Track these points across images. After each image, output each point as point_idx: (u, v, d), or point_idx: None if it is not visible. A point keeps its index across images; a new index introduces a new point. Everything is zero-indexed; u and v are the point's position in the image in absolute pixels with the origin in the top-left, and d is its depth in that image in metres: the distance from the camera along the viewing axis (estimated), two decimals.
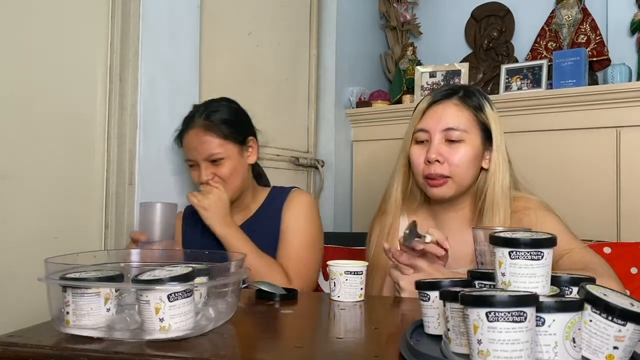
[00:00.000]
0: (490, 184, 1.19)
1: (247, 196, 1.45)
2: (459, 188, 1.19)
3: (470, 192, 1.23)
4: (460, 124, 1.18)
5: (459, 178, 1.18)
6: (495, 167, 1.19)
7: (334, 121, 2.34)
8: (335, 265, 1.05)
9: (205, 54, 1.69)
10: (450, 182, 1.18)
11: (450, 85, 1.66)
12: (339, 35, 2.35)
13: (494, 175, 1.19)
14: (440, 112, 1.20)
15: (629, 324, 0.59)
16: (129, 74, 1.43)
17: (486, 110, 1.22)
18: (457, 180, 1.18)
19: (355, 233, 2.25)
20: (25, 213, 1.24)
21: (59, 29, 1.32)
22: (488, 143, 1.21)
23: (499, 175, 1.19)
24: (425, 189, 1.22)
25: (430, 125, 1.20)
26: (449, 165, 1.17)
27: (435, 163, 1.17)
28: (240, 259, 0.92)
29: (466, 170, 1.18)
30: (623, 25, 2.20)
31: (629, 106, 1.90)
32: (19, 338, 0.77)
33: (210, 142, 1.35)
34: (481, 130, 1.20)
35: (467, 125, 1.19)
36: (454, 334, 0.66)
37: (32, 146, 1.26)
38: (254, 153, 1.44)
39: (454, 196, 1.20)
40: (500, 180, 1.18)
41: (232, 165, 1.36)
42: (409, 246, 1.05)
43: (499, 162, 1.19)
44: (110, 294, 0.80)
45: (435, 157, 1.17)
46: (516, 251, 0.64)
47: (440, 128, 1.18)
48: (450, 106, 1.20)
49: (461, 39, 2.58)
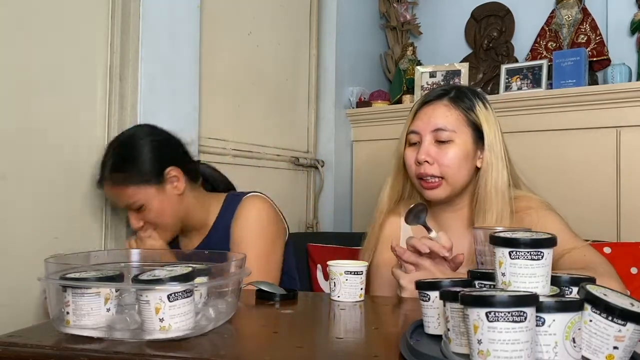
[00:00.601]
0: (482, 183, 1.19)
1: (195, 216, 1.35)
2: (453, 189, 1.20)
3: (468, 192, 1.23)
4: (449, 124, 1.19)
5: (452, 179, 1.18)
6: (487, 167, 1.19)
7: (334, 121, 2.34)
8: (335, 265, 1.05)
9: (205, 54, 1.69)
10: (444, 183, 1.18)
11: (443, 85, 1.67)
12: (339, 35, 2.35)
13: (485, 174, 1.19)
14: (430, 113, 1.21)
15: (629, 324, 0.59)
16: (129, 74, 1.43)
17: (477, 109, 1.22)
18: (450, 180, 1.18)
19: (355, 233, 2.25)
20: (25, 213, 1.24)
21: (59, 29, 1.32)
22: (481, 143, 1.21)
23: (490, 174, 1.19)
24: (420, 191, 1.23)
25: (420, 126, 1.21)
26: (439, 166, 1.18)
27: (425, 164, 1.18)
28: (240, 259, 0.92)
29: (457, 170, 1.18)
30: (623, 25, 2.19)
31: (629, 106, 1.90)
32: (19, 338, 0.77)
33: (121, 194, 1.25)
34: (472, 129, 1.21)
35: (455, 125, 1.19)
36: (454, 334, 0.66)
37: (32, 146, 1.26)
38: (180, 182, 1.29)
39: (450, 197, 1.21)
40: (493, 179, 1.18)
41: (156, 207, 1.25)
42: (414, 247, 1.05)
43: (491, 162, 1.19)
44: (110, 294, 0.80)
45: (425, 157, 1.18)
46: (516, 251, 0.64)
47: (429, 129, 1.19)
48: (439, 107, 1.21)
49: (461, 39, 2.58)
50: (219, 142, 1.78)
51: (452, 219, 1.25)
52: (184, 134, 1.57)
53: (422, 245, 1.04)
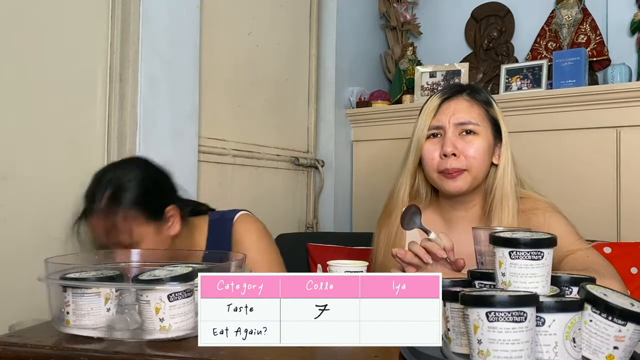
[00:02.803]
0: (500, 179, 1.20)
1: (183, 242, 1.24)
2: (474, 181, 1.19)
3: (481, 189, 1.23)
4: (473, 118, 1.20)
5: (475, 170, 1.18)
6: (505, 162, 1.21)
7: (334, 121, 2.34)
8: (335, 265, 1.05)
9: (205, 54, 1.69)
10: (467, 174, 1.18)
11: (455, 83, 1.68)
12: (339, 35, 2.35)
13: (504, 169, 1.20)
14: (454, 107, 1.21)
15: (629, 324, 0.59)
16: (129, 74, 1.43)
17: (494, 105, 1.25)
18: (473, 172, 1.18)
19: (355, 233, 2.25)
20: (25, 213, 1.24)
21: (59, 29, 1.32)
22: (498, 138, 1.23)
23: (508, 169, 1.20)
24: (440, 184, 1.21)
25: (444, 120, 1.21)
26: (465, 158, 1.17)
27: (452, 157, 1.17)
28: (240, 259, 0.92)
29: (481, 162, 1.19)
30: (623, 25, 2.19)
31: (629, 106, 1.90)
32: (19, 338, 0.77)
33: (114, 229, 1.10)
34: (492, 124, 1.22)
35: (478, 119, 1.20)
36: (454, 334, 0.66)
37: (32, 146, 1.26)
38: (176, 222, 1.19)
39: (468, 190, 1.20)
40: (509, 175, 1.20)
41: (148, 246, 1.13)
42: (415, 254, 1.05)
43: (508, 157, 1.21)
44: (111, 294, 0.80)
45: (452, 150, 1.17)
46: (516, 251, 0.64)
47: (454, 122, 1.19)
48: (462, 101, 1.22)
49: (461, 39, 2.58)
50: (219, 142, 1.78)
51: (462, 218, 1.24)
52: (184, 133, 1.57)
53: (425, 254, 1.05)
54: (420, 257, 1.05)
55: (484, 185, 1.23)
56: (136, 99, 1.44)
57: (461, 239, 1.08)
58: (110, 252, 1.06)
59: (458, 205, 1.24)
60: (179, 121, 1.51)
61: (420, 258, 1.05)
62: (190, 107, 1.60)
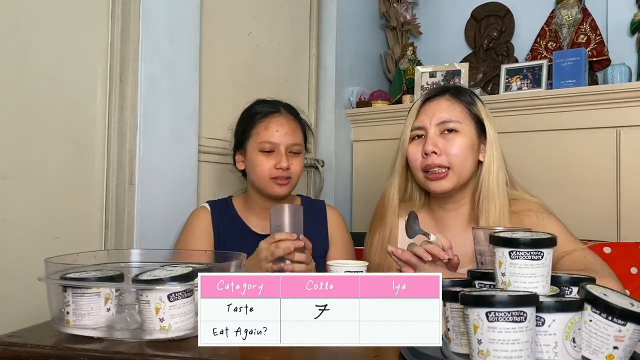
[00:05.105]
0: (486, 176, 1.21)
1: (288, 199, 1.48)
2: (458, 180, 1.20)
3: (469, 188, 1.24)
4: (453, 116, 1.21)
5: (458, 168, 1.19)
6: (490, 160, 1.21)
7: (334, 121, 2.33)
8: (335, 265, 1.05)
9: (205, 54, 1.69)
10: (450, 173, 1.19)
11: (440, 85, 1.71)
12: (339, 35, 2.35)
13: (489, 167, 1.21)
14: (434, 108, 1.23)
15: (629, 324, 0.59)
16: (129, 74, 1.43)
17: (478, 104, 1.25)
18: (457, 170, 1.19)
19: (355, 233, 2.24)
20: (25, 213, 1.24)
21: (59, 29, 1.32)
22: (483, 136, 1.23)
23: (494, 167, 1.21)
24: (425, 184, 1.23)
25: (425, 121, 1.23)
26: (446, 156, 1.19)
27: (433, 155, 1.19)
28: (240, 259, 0.92)
29: (464, 159, 1.19)
30: (623, 25, 2.19)
31: (629, 106, 1.90)
32: (19, 338, 0.77)
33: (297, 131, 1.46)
34: (475, 122, 1.23)
35: (460, 117, 1.22)
36: (454, 334, 0.66)
37: (32, 146, 1.26)
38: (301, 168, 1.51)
39: (454, 189, 1.21)
40: (495, 173, 1.20)
41: (301, 164, 1.48)
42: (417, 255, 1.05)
43: (493, 155, 1.22)
44: (111, 294, 0.80)
45: (432, 148, 1.19)
46: (516, 251, 0.64)
47: (434, 122, 1.21)
48: (442, 101, 1.24)
49: (461, 39, 2.58)
50: (219, 142, 1.77)
51: (453, 219, 1.26)
52: (184, 133, 1.57)
53: (424, 253, 1.05)
54: (420, 256, 1.05)
55: (472, 183, 1.24)
56: (136, 99, 1.44)
57: (452, 239, 1.09)
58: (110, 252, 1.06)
59: (447, 204, 1.25)
60: (179, 121, 1.51)
61: (420, 257, 1.05)
62: (190, 107, 1.60)
